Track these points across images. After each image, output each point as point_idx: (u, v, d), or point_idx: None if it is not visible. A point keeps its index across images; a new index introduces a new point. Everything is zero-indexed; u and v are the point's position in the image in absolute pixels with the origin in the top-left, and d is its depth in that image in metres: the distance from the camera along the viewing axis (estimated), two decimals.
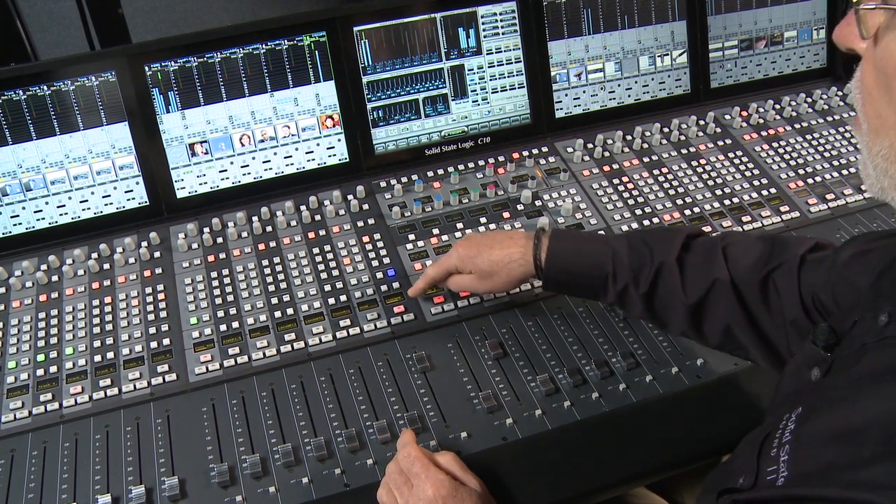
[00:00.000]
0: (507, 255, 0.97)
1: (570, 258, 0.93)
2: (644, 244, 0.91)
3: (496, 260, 0.97)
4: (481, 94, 1.33)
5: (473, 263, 0.99)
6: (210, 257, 1.15)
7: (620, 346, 0.99)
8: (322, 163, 1.28)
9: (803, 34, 1.48)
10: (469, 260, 0.99)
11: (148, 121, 1.19)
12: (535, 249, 0.95)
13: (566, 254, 0.94)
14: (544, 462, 0.88)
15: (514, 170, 1.31)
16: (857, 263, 0.76)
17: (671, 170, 1.30)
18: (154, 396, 0.97)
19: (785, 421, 0.57)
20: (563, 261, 0.94)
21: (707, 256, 0.88)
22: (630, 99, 1.41)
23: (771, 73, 1.49)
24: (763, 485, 0.55)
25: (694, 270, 0.88)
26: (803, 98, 1.46)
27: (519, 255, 0.96)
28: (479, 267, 0.99)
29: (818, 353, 0.64)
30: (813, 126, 1.40)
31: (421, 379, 0.96)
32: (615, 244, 0.92)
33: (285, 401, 0.95)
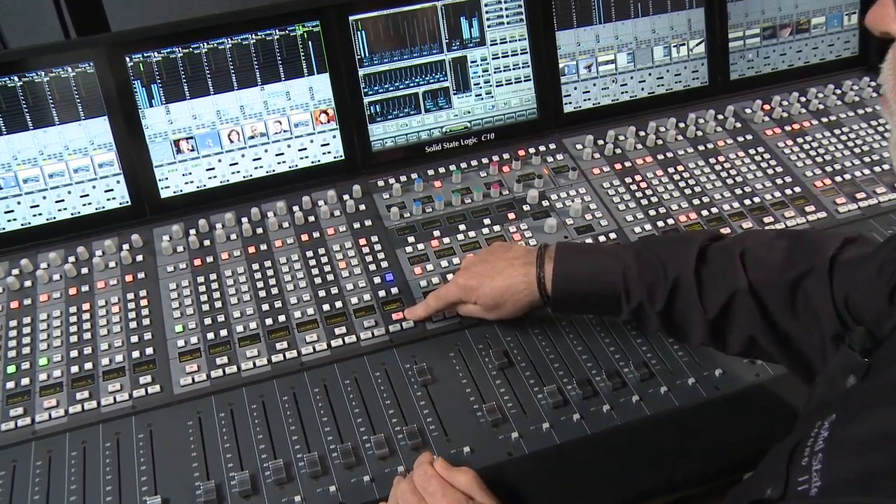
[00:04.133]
0: (511, 286, 0.97)
1: (576, 280, 0.94)
2: (656, 257, 0.91)
3: (500, 292, 0.98)
4: (485, 88, 1.34)
5: (476, 295, 1.00)
6: (196, 261, 1.16)
7: (633, 356, 1.00)
8: (316, 161, 1.29)
9: (833, 20, 1.49)
10: (471, 291, 1.00)
11: (129, 115, 1.20)
12: (538, 276, 0.96)
13: (572, 275, 0.94)
14: (552, 479, 0.89)
15: (519, 168, 1.32)
16: None
17: (687, 168, 1.31)
18: (136, 410, 0.97)
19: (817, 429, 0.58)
20: (569, 284, 0.94)
21: (724, 265, 0.88)
22: (643, 92, 1.42)
23: (796, 63, 1.49)
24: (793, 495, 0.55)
25: (712, 282, 0.88)
26: (832, 90, 1.46)
27: (523, 284, 0.97)
28: (482, 300, 1.00)
29: (854, 358, 0.64)
30: (842, 120, 1.41)
31: (421, 390, 0.97)
32: (625, 258, 0.92)
33: (277, 414, 0.96)
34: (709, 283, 0.88)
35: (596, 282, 0.93)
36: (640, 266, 0.91)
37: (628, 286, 0.91)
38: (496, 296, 0.99)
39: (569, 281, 0.94)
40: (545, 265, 0.96)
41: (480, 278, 0.99)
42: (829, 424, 0.57)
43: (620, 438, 0.92)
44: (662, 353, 1.00)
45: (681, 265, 0.89)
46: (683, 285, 0.88)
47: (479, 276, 1.00)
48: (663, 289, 0.89)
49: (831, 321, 0.80)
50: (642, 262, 0.91)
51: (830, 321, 0.81)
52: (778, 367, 0.93)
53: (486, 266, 1.00)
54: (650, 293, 0.90)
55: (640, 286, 0.90)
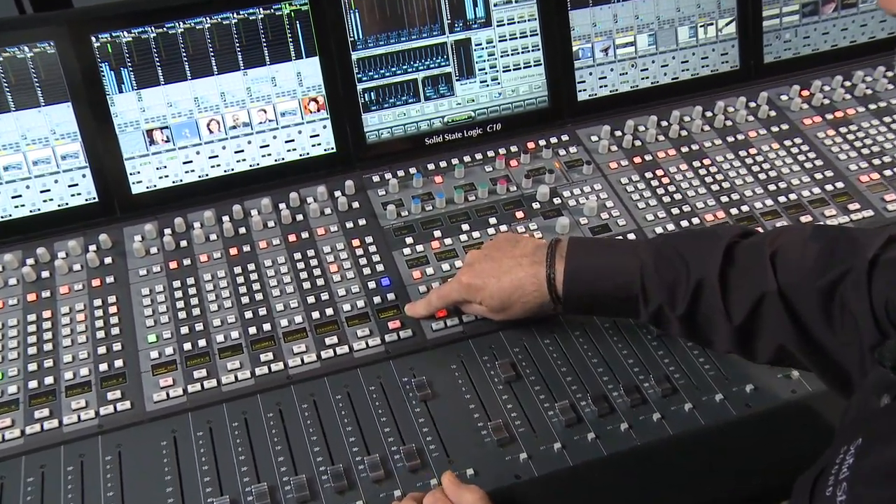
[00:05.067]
0: (518, 286, 1.00)
1: (590, 280, 0.96)
2: (678, 255, 0.92)
3: (507, 293, 1.01)
4: (490, 74, 1.36)
5: (481, 296, 1.02)
6: (172, 263, 1.18)
7: (654, 369, 1.02)
8: (304, 153, 1.32)
9: None
10: (476, 292, 1.03)
11: (96, 102, 1.22)
12: (549, 276, 0.98)
13: (586, 275, 0.96)
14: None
15: (528, 162, 1.34)
16: None
17: (715, 161, 1.33)
18: (103, 429, 0.98)
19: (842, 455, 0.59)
20: (582, 284, 0.96)
21: (753, 265, 0.89)
22: (666, 78, 1.45)
23: (841, 43, 1.50)
24: None
25: (739, 284, 0.89)
26: (881, 72, 1.46)
27: (532, 284, 0.99)
28: (487, 301, 1.02)
29: (888, 375, 0.65)
30: (893, 106, 1.42)
31: (420, 406, 0.99)
32: (644, 256, 0.94)
33: (261, 432, 0.97)
34: (735, 284, 0.89)
35: (611, 282, 0.95)
36: (659, 265, 0.92)
37: (646, 287, 0.93)
38: (503, 297, 1.01)
39: (581, 281, 0.96)
40: (556, 264, 0.97)
41: (486, 278, 1.02)
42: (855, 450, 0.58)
43: (640, 460, 0.94)
44: (687, 367, 1.02)
45: (705, 265, 0.90)
46: (707, 287, 0.90)
47: (485, 275, 1.02)
48: (685, 291, 0.90)
49: (870, 329, 0.80)
50: (662, 261, 0.93)
51: (869, 329, 0.81)
52: (818, 382, 0.94)
53: (491, 264, 1.02)
54: (671, 295, 0.92)
55: (660, 287, 0.92)
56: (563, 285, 0.97)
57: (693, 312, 0.91)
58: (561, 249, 0.99)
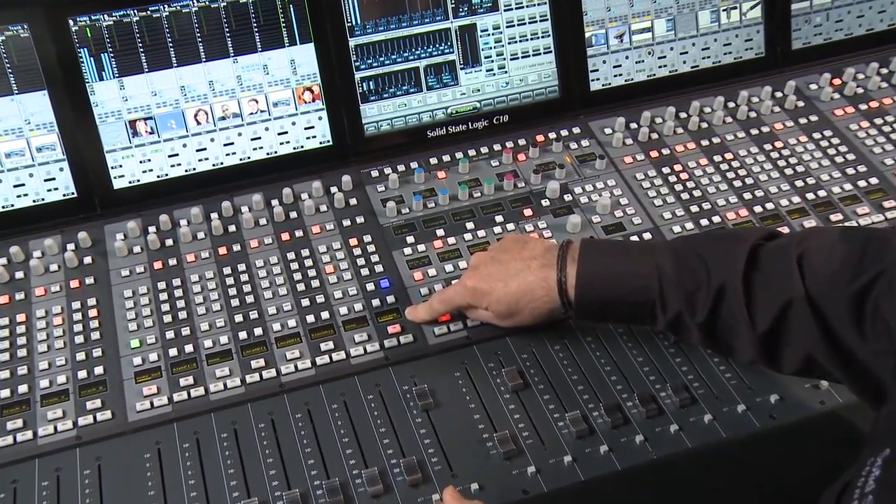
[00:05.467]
0: (527, 291, 1.00)
1: (604, 285, 0.96)
2: (698, 259, 0.92)
3: (515, 298, 1.01)
4: (497, 62, 1.36)
5: (487, 301, 1.03)
6: (157, 264, 1.19)
7: (671, 377, 1.02)
8: (299, 146, 1.32)
9: None
10: (481, 296, 1.03)
11: (75, 90, 1.22)
12: (559, 280, 0.98)
13: (599, 279, 0.96)
14: None
15: (537, 156, 1.34)
16: None
17: (737, 155, 1.33)
18: (81, 441, 0.98)
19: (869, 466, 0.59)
20: (595, 290, 0.96)
21: (779, 269, 0.89)
22: (686, 66, 1.45)
23: (877, 27, 1.49)
24: None
25: (764, 290, 0.89)
26: None
27: (542, 289, 0.99)
28: (494, 307, 1.02)
29: None
30: None
31: (421, 416, 0.99)
32: (661, 260, 0.94)
33: (251, 444, 0.97)
34: (760, 290, 0.89)
35: (626, 287, 0.95)
36: (678, 269, 0.93)
37: (664, 293, 0.93)
38: (510, 302, 1.01)
39: (595, 286, 0.96)
40: (567, 267, 0.98)
41: (492, 282, 1.02)
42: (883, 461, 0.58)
43: (656, 475, 0.94)
44: (706, 375, 1.02)
45: (727, 269, 0.90)
46: (730, 293, 0.90)
47: (491, 279, 1.02)
48: (706, 297, 0.91)
49: None
50: (681, 265, 0.93)
51: None
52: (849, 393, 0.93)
53: (498, 267, 1.02)
54: (690, 301, 0.92)
55: (679, 293, 0.92)
56: (574, 290, 0.97)
57: (714, 320, 0.91)
58: (573, 252, 0.99)
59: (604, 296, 0.96)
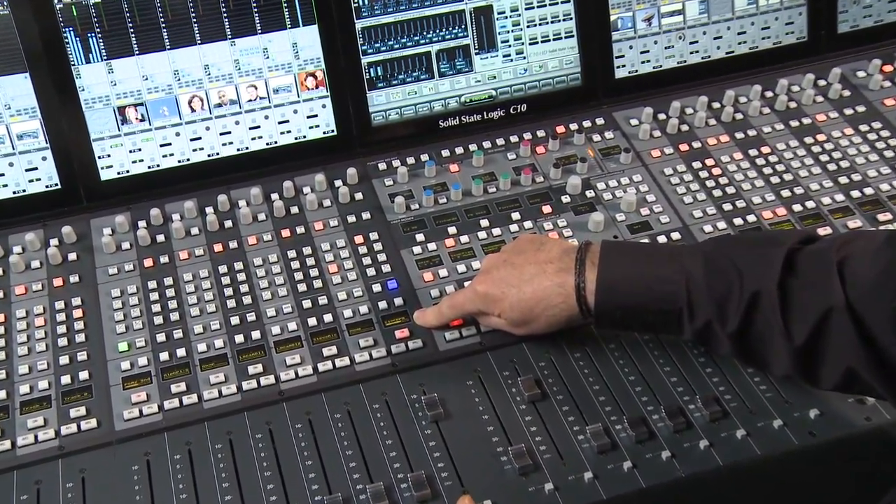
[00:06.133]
0: (543, 297, 1.01)
1: (626, 291, 0.96)
2: (730, 263, 0.93)
3: (530, 305, 1.02)
4: (515, 47, 1.37)
5: (500, 308, 1.03)
6: (147, 261, 1.20)
7: (701, 389, 1.02)
8: (301, 136, 1.33)
9: None
10: (494, 303, 1.04)
11: (59, 73, 1.23)
12: (578, 285, 0.98)
13: (621, 286, 0.96)
14: None
15: (557, 149, 1.35)
16: None
17: (775, 149, 1.33)
18: (64, 451, 0.99)
19: None
20: (617, 296, 0.96)
21: (818, 276, 0.89)
22: (720, 52, 1.45)
23: None
24: None
25: (801, 298, 0.89)
26: None
27: (559, 296, 1.00)
28: (507, 313, 1.03)
29: None
30: None
31: (431, 427, 1.00)
32: (690, 264, 0.94)
33: (248, 456, 0.98)
34: (797, 298, 0.89)
35: (651, 294, 0.95)
36: (708, 274, 0.93)
37: (692, 300, 0.93)
38: (525, 309, 1.02)
39: (616, 292, 0.97)
40: (586, 272, 0.98)
41: (505, 287, 1.03)
42: None
43: (684, 494, 0.94)
44: (739, 387, 1.02)
45: (761, 275, 0.91)
46: (764, 301, 0.90)
47: (504, 283, 1.03)
48: (737, 305, 0.91)
49: None
50: (711, 270, 0.93)
51: None
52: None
53: (512, 271, 1.03)
54: (720, 310, 0.92)
55: (708, 300, 0.92)
56: (594, 297, 0.97)
57: (747, 329, 0.92)
58: (592, 255, 0.99)
59: (626, 303, 0.97)
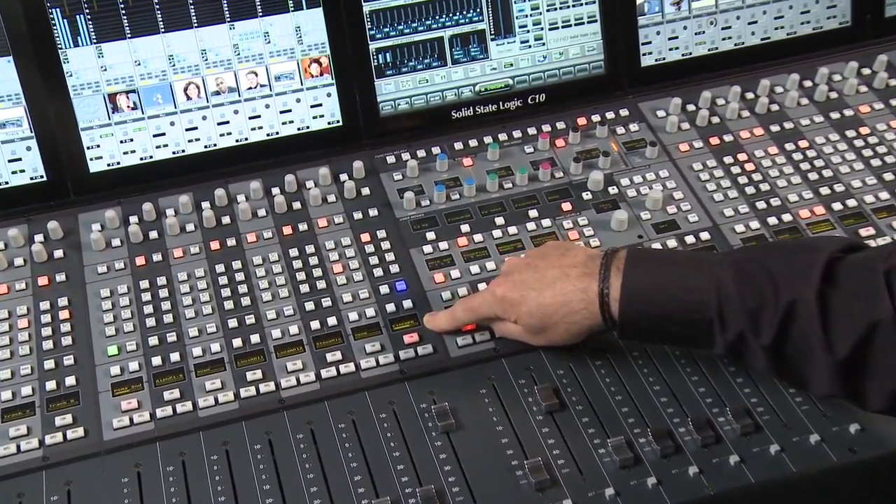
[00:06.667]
0: (564, 304, 1.01)
1: (653, 299, 0.96)
2: (764, 271, 0.93)
3: (548, 311, 1.02)
4: (534, 32, 1.38)
5: (517, 313, 1.04)
6: (139, 259, 1.20)
7: (731, 400, 1.02)
8: (304, 126, 1.33)
9: None
10: (511, 307, 1.04)
11: (45, 58, 1.23)
12: (601, 292, 0.98)
13: (647, 294, 0.97)
14: None
15: (578, 142, 1.35)
16: None
17: (814, 144, 1.33)
18: (48, 462, 0.99)
19: None
20: (643, 304, 0.97)
21: (862, 286, 0.89)
22: (755, 38, 1.45)
23: None
24: None
25: (843, 310, 0.89)
26: None
27: (580, 302, 1.00)
28: (525, 319, 1.04)
29: None
30: None
31: (441, 439, 1.00)
32: (721, 272, 0.94)
33: (245, 467, 0.98)
34: (839, 310, 0.89)
35: (679, 302, 0.95)
36: (740, 283, 0.93)
37: (723, 310, 0.93)
38: (543, 315, 1.02)
39: (642, 301, 0.97)
40: (611, 277, 0.98)
41: (524, 290, 1.03)
42: None
43: None
44: (773, 399, 1.02)
45: (799, 284, 0.90)
46: (802, 312, 0.90)
47: (523, 287, 1.03)
48: (773, 315, 0.91)
49: None
50: (744, 278, 0.93)
51: None
52: None
53: (532, 274, 1.04)
54: (754, 321, 0.92)
55: (741, 311, 0.92)
56: (619, 304, 0.98)
57: (783, 342, 0.92)
58: (619, 261, 1.00)
59: (652, 312, 0.97)
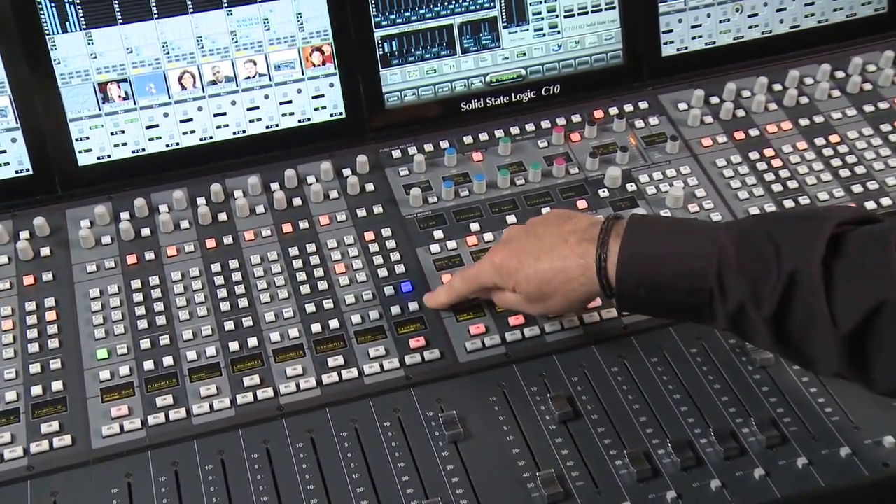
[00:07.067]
0: (562, 270, 1.01)
1: (651, 264, 0.96)
2: (767, 238, 0.92)
3: (546, 277, 1.02)
4: (548, 20, 1.38)
5: (515, 280, 1.05)
6: (130, 258, 1.21)
7: (756, 409, 1.02)
8: (305, 118, 1.34)
9: None
10: (509, 275, 1.05)
11: (31, 44, 1.23)
12: (598, 257, 0.99)
13: (645, 260, 0.97)
14: None
15: (595, 136, 1.36)
16: None
17: (846, 138, 1.34)
18: (34, 471, 1.00)
19: None
20: (641, 269, 0.97)
21: (870, 260, 0.88)
22: (783, 26, 1.45)
23: None
24: None
25: (848, 282, 0.88)
26: None
27: (578, 267, 1.00)
28: (522, 286, 1.04)
29: None
30: None
31: (448, 449, 1.01)
32: (724, 239, 0.94)
33: (242, 477, 0.99)
34: (843, 282, 0.87)
35: (678, 269, 0.95)
36: (742, 250, 0.92)
37: (724, 279, 0.92)
38: (541, 282, 1.03)
39: (640, 266, 0.97)
40: (609, 243, 0.99)
41: (522, 257, 1.04)
42: None
43: None
44: (801, 408, 1.02)
45: (802, 252, 0.89)
46: (804, 282, 0.89)
47: (522, 254, 1.04)
48: (774, 284, 0.90)
49: None
50: (746, 245, 0.93)
51: None
52: None
53: (532, 241, 1.05)
54: (755, 291, 0.91)
55: (741, 279, 0.92)
56: (616, 269, 0.98)
57: (785, 314, 0.91)
58: (619, 227, 1.00)
59: (650, 279, 0.97)
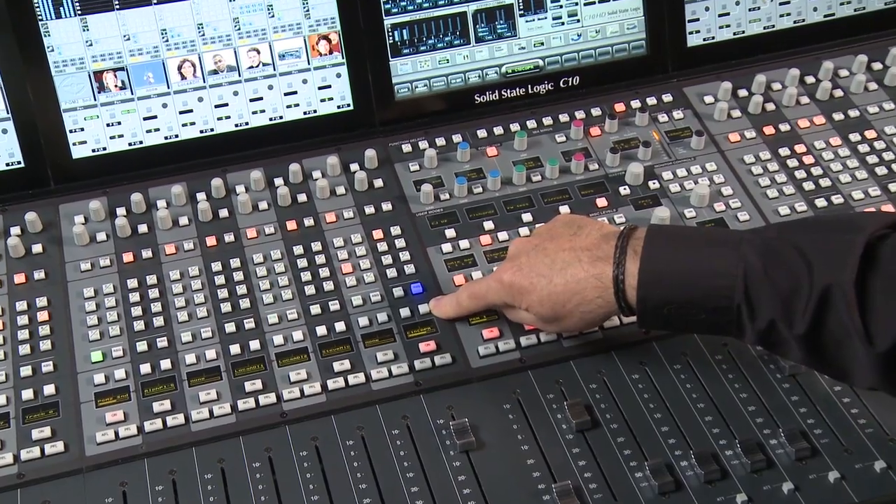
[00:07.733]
0: (576, 291, 1.02)
1: (673, 284, 0.97)
2: (797, 253, 0.93)
3: (560, 300, 1.03)
4: (567, 8, 1.39)
5: (528, 301, 1.06)
6: (126, 255, 1.23)
7: (785, 420, 1.04)
8: (311, 110, 1.36)
9: None
10: (520, 295, 1.06)
11: (24, 30, 1.26)
12: (616, 278, 0.99)
13: (668, 279, 0.97)
14: None
15: (616, 130, 1.37)
16: None
17: (882, 134, 1.35)
18: (24, 479, 1.02)
19: None
20: (663, 292, 0.98)
21: None
22: (816, 15, 1.46)
23: None
24: None
25: (885, 297, 0.89)
26: None
27: (594, 289, 1.01)
28: (535, 308, 1.06)
29: None
30: None
31: (460, 458, 1.02)
32: (749, 253, 0.94)
33: (243, 487, 1.00)
34: (880, 297, 0.89)
35: (703, 288, 0.96)
36: (769, 264, 0.93)
37: (751, 296, 0.94)
38: (556, 304, 1.04)
39: (661, 287, 0.98)
40: (627, 262, 0.99)
41: (533, 277, 1.05)
42: None
43: None
44: (832, 419, 1.04)
45: (835, 267, 0.91)
46: (838, 298, 0.90)
47: (532, 273, 1.05)
48: (806, 302, 0.91)
49: None
50: (775, 260, 0.94)
51: None
52: None
53: (542, 258, 1.05)
54: (786, 308, 0.92)
55: (771, 296, 0.93)
56: (636, 292, 0.99)
57: (818, 332, 0.92)
58: (636, 242, 1.00)
59: (674, 299, 0.98)
